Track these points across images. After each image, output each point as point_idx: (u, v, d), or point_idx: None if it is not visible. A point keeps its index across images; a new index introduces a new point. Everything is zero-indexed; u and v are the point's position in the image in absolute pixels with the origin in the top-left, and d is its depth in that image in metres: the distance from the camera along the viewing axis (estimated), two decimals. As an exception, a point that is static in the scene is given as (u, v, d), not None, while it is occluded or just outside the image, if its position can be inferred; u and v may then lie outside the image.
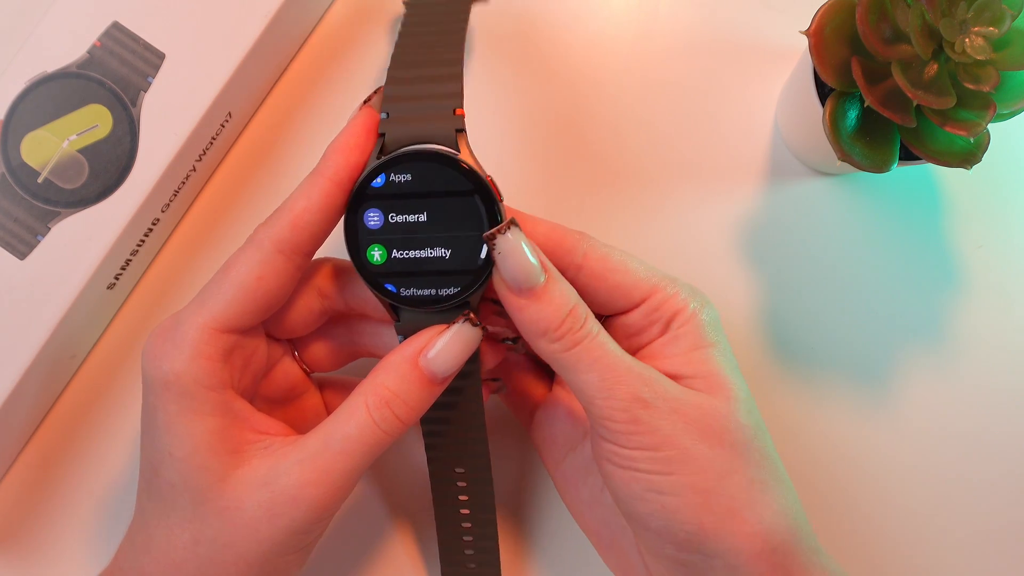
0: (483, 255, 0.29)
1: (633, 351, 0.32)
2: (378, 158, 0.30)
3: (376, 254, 0.30)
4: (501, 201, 0.30)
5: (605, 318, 0.33)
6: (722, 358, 0.31)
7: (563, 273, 0.32)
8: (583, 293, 0.32)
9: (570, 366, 0.29)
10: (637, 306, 0.32)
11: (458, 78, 0.30)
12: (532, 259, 0.29)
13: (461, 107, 0.30)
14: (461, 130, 0.30)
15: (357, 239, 0.30)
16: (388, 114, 0.30)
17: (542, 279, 0.29)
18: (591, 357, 0.29)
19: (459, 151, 0.29)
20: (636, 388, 0.29)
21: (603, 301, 0.32)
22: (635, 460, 0.29)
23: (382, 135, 0.30)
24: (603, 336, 0.30)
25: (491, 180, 0.29)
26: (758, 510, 0.29)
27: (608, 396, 0.29)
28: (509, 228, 0.29)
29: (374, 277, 0.30)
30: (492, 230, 0.29)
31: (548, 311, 0.29)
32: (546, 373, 0.37)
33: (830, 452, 0.39)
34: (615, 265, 0.32)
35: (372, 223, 0.30)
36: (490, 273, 0.30)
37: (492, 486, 0.35)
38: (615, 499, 0.31)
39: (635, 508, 0.30)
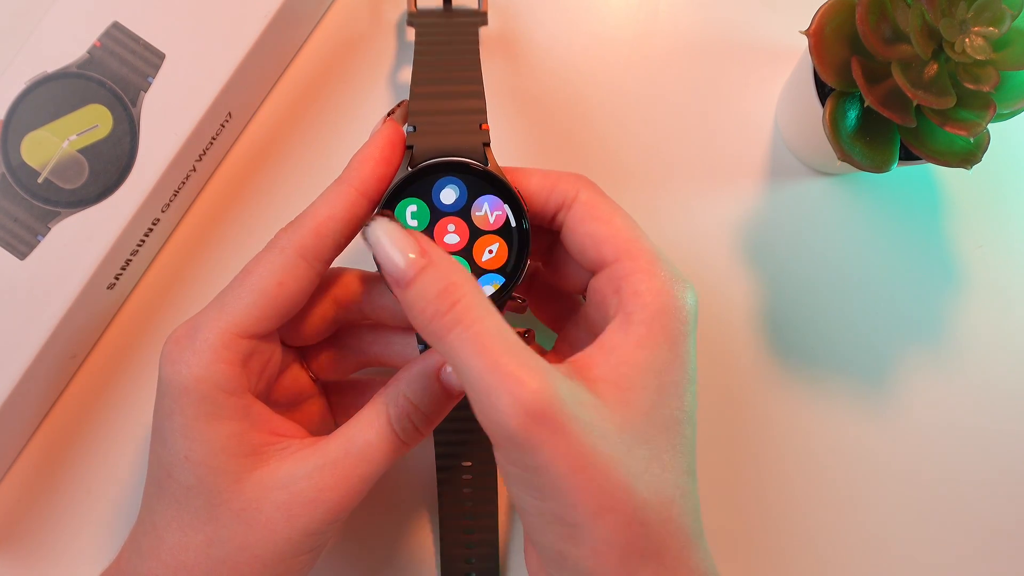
0: (514, 260, 0.30)
1: (594, 335, 0.29)
2: (408, 169, 0.30)
3: None
4: (528, 211, 0.30)
5: (584, 296, 0.33)
6: (677, 372, 0.28)
7: (554, 218, 0.31)
8: (564, 240, 0.31)
9: (451, 357, 0.26)
10: (606, 267, 0.30)
11: (481, 95, 0.31)
12: (395, 249, 0.27)
13: (486, 122, 0.31)
14: (487, 144, 0.31)
15: None
16: (415, 127, 0.31)
17: (412, 268, 0.26)
18: (468, 350, 0.25)
19: (487, 163, 0.30)
20: (529, 406, 0.25)
21: (577, 251, 0.31)
22: (524, 501, 0.27)
23: (410, 147, 0.31)
24: (491, 322, 0.26)
25: (519, 192, 0.30)
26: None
27: (489, 407, 0.25)
28: (376, 219, 0.27)
29: None
30: (363, 225, 0.28)
31: (415, 295, 0.26)
32: (540, 348, 0.37)
33: (830, 451, 0.39)
34: (599, 214, 0.30)
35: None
36: (518, 279, 0.30)
37: (496, 480, 0.36)
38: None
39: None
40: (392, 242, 0.27)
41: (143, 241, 0.38)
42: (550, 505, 0.26)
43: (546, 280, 0.36)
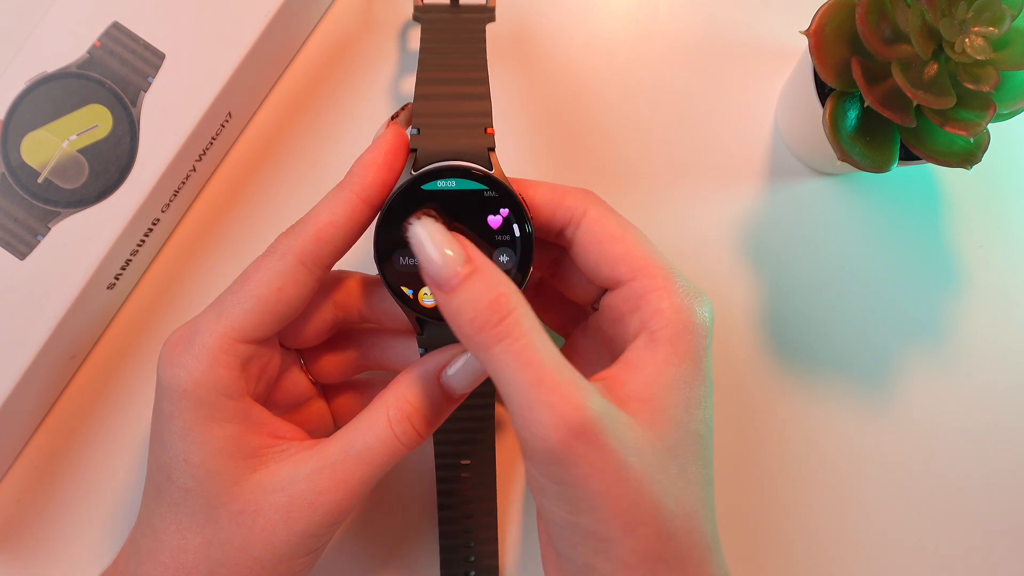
0: (516, 265, 0.30)
1: (609, 350, 0.30)
2: (411, 172, 0.30)
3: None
4: (532, 219, 0.30)
5: (594, 307, 0.33)
6: (700, 387, 0.29)
7: (561, 233, 0.31)
8: (575, 259, 0.31)
9: (494, 370, 0.26)
10: (621, 285, 0.30)
11: (487, 97, 0.31)
12: (438, 249, 0.27)
13: (491, 126, 0.31)
14: (492, 148, 0.30)
15: (389, 251, 0.30)
16: (419, 130, 0.31)
17: (458, 269, 0.26)
18: (514, 363, 0.26)
19: (492, 168, 0.30)
20: (566, 425, 0.25)
21: (591, 270, 0.31)
22: (548, 497, 0.27)
23: (414, 150, 0.30)
24: (537, 337, 0.26)
25: (523, 198, 0.30)
26: None
27: (528, 422, 0.25)
28: (420, 218, 0.28)
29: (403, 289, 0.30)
30: (409, 218, 0.28)
31: (463, 303, 0.26)
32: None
33: (830, 450, 0.39)
34: (612, 231, 0.31)
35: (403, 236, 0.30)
36: (522, 285, 0.30)
37: (495, 479, 0.36)
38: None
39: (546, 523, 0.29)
40: (436, 243, 0.27)
41: (143, 241, 0.38)
42: (583, 519, 0.26)
43: (554, 289, 0.36)
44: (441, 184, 0.30)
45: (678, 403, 0.28)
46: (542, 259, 0.34)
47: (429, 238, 0.27)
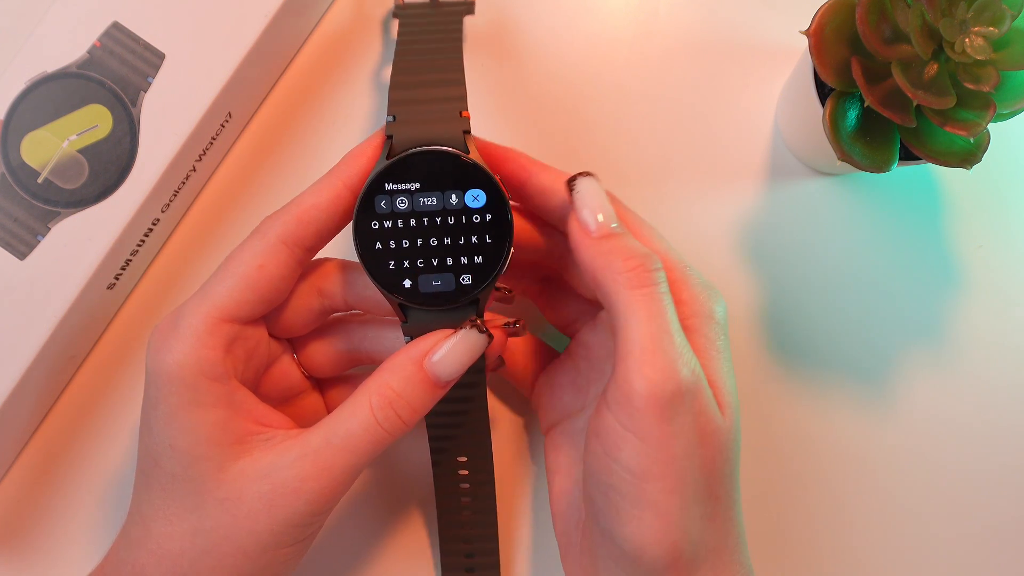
0: (495, 250, 0.30)
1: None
2: (387, 159, 0.30)
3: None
4: (510, 199, 0.30)
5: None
6: (729, 369, 0.30)
7: (565, 217, 0.32)
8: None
9: (628, 310, 0.28)
10: None
11: (461, 82, 0.31)
12: (605, 201, 0.30)
13: (466, 109, 0.30)
14: (468, 131, 0.30)
15: (368, 237, 0.30)
16: (395, 117, 0.30)
17: (616, 224, 0.30)
18: (650, 310, 0.28)
19: (468, 151, 0.30)
20: (678, 379, 0.27)
21: None
22: (624, 453, 0.28)
23: (390, 137, 0.30)
24: (670, 301, 0.28)
25: (500, 180, 0.30)
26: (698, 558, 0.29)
27: (645, 363, 0.27)
28: (588, 175, 0.30)
29: (385, 275, 0.30)
30: (574, 175, 0.30)
31: (623, 245, 0.29)
32: (547, 346, 0.38)
33: (830, 451, 0.39)
34: (626, 225, 0.31)
35: (384, 222, 0.30)
36: (500, 270, 0.30)
37: (493, 475, 0.35)
38: (585, 474, 0.30)
39: (594, 495, 0.29)
40: (601, 196, 0.30)
41: (143, 241, 0.38)
42: (650, 486, 0.28)
43: (563, 284, 0.36)
44: None
45: (732, 388, 0.30)
46: (551, 252, 0.34)
47: (597, 192, 0.30)
